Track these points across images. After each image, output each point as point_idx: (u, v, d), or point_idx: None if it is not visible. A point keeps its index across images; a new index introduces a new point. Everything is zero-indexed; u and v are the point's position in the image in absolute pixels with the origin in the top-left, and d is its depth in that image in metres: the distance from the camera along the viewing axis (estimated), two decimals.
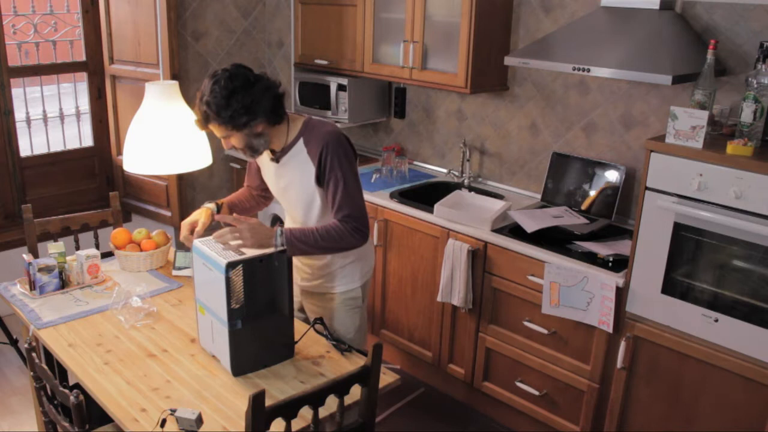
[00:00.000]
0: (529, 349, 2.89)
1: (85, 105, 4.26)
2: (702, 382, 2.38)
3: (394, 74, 3.47)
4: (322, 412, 1.79)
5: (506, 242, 2.85)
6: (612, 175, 3.00)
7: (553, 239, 2.81)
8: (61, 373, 2.47)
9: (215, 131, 2.11)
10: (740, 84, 2.55)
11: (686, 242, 2.35)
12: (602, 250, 2.69)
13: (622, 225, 2.97)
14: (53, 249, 2.56)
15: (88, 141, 4.27)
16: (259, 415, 1.58)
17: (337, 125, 2.23)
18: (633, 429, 2.61)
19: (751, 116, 2.23)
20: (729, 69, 2.61)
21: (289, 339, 2.11)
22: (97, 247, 2.84)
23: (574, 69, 2.60)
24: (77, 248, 2.73)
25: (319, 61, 3.83)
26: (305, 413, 1.73)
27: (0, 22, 3.68)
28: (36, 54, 4.16)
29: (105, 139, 4.25)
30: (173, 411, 1.74)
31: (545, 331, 2.80)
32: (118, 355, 2.11)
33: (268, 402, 1.62)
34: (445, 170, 3.72)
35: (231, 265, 1.89)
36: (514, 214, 2.98)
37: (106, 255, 2.78)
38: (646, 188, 2.39)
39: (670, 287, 2.40)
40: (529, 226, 2.85)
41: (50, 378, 1.90)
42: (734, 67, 2.60)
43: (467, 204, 3.22)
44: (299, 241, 2.07)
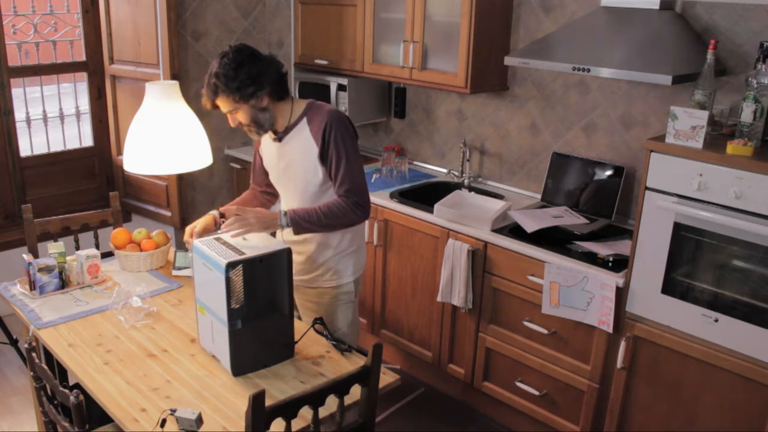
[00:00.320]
0: (529, 349, 2.89)
1: (85, 105, 4.26)
2: (702, 382, 2.38)
3: (394, 74, 3.47)
4: (322, 412, 1.79)
5: (506, 242, 2.85)
6: (612, 175, 3.00)
7: (553, 239, 2.81)
8: (61, 373, 2.47)
9: (222, 106, 2.18)
10: (740, 84, 2.55)
11: (686, 242, 2.35)
12: (602, 250, 2.69)
13: (622, 225, 2.97)
14: (53, 249, 2.56)
15: (88, 141, 4.27)
16: (259, 415, 1.58)
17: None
18: (633, 429, 2.61)
19: (751, 116, 2.23)
20: (729, 69, 2.61)
21: (289, 339, 2.11)
22: (97, 247, 2.84)
23: (574, 69, 2.60)
24: (77, 248, 2.73)
25: (319, 61, 3.83)
26: (305, 413, 1.73)
27: (0, 22, 3.68)
28: (36, 54, 4.16)
29: (105, 139, 4.25)
30: (173, 411, 1.74)
31: (545, 331, 2.80)
32: (118, 355, 2.11)
33: (268, 402, 1.62)
34: (445, 170, 3.72)
35: (231, 265, 1.89)
36: (514, 214, 2.98)
37: (106, 255, 2.78)
38: (646, 188, 2.39)
39: (670, 287, 2.40)
40: (529, 226, 2.85)
41: (50, 378, 1.90)
42: (734, 67, 2.60)
43: (467, 204, 3.22)
44: (303, 219, 2.17)
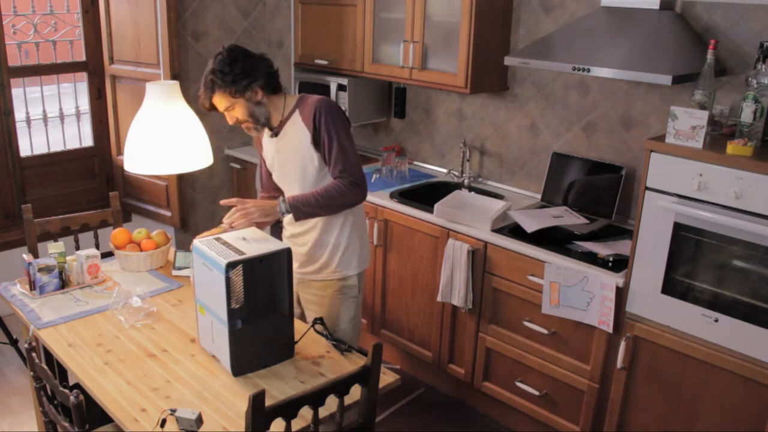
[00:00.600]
0: (529, 349, 2.89)
1: (85, 105, 4.26)
2: (702, 382, 2.38)
3: (394, 74, 3.47)
4: (322, 412, 1.79)
5: (506, 242, 2.85)
6: (612, 175, 3.00)
7: (553, 239, 2.81)
8: (61, 373, 2.47)
9: (219, 103, 2.28)
10: (740, 84, 2.55)
11: (686, 242, 2.35)
12: (602, 250, 2.69)
13: (622, 225, 2.97)
14: (53, 249, 2.56)
15: (88, 141, 4.27)
16: (259, 415, 1.58)
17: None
18: (633, 429, 2.61)
19: (751, 116, 2.23)
20: (729, 69, 2.61)
21: (289, 339, 2.11)
22: (97, 247, 2.84)
23: (574, 69, 2.60)
24: (77, 248, 2.73)
25: (319, 61, 3.83)
26: (305, 413, 1.74)
27: (0, 22, 3.68)
28: (36, 54, 4.16)
29: (105, 139, 4.25)
30: (173, 411, 1.74)
31: (545, 331, 2.80)
32: (118, 355, 2.11)
33: (268, 402, 1.62)
34: (445, 170, 3.72)
35: (231, 265, 1.89)
36: (514, 214, 2.98)
37: (106, 255, 2.78)
38: (646, 188, 2.39)
39: (670, 287, 2.40)
40: (529, 226, 2.85)
41: (50, 378, 1.90)
42: (734, 67, 2.60)
43: (467, 204, 3.22)
44: (301, 203, 2.24)
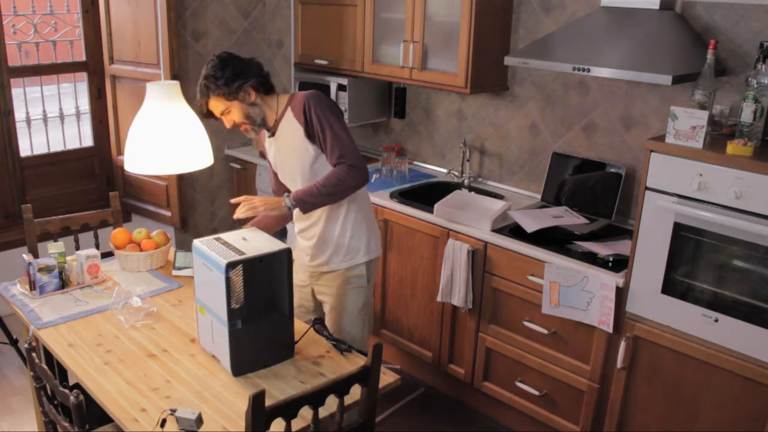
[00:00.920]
0: (529, 349, 2.89)
1: (85, 105, 4.26)
2: (702, 382, 2.38)
3: (394, 74, 3.47)
4: (322, 412, 1.79)
5: (506, 242, 2.85)
6: (612, 175, 3.00)
7: (553, 239, 2.81)
8: (61, 373, 2.47)
9: (215, 108, 2.35)
10: (740, 84, 2.55)
11: (686, 242, 2.35)
12: (602, 250, 2.69)
13: (622, 225, 2.97)
14: (53, 249, 2.56)
15: (88, 141, 4.27)
16: (259, 415, 1.58)
17: None
18: (633, 429, 2.61)
19: (751, 116, 2.23)
20: (729, 69, 2.61)
21: (289, 339, 2.11)
22: (97, 247, 2.84)
23: (574, 69, 2.60)
24: (77, 248, 2.73)
25: (319, 61, 3.83)
26: (305, 413, 1.73)
27: (0, 22, 3.68)
28: (36, 54, 4.16)
29: (105, 139, 4.25)
30: (173, 411, 1.74)
31: (545, 331, 2.80)
32: (118, 355, 2.11)
33: (268, 402, 1.62)
34: (445, 170, 3.72)
35: (231, 265, 1.89)
36: (514, 214, 2.98)
37: (106, 255, 2.78)
38: (646, 188, 2.39)
39: (670, 287, 2.40)
40: (529, 226, 2.85)
41: (50, 378, 1.90)
42: (734, 67, 2.60)
43: (467, 204, 3.22)
44: (305, 195, 2.28)
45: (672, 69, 2.38)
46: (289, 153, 2.40)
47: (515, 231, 2.91)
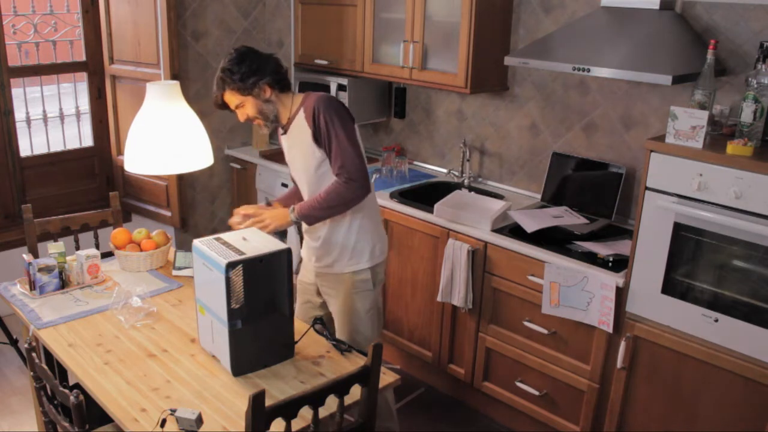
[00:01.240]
0: (529, 349, 2.89)
1: (85, 105, 4.26)
2: (702, 382, 2.38)
3: (394, 74, 3.47)
4: (322, 412, 1.79)
5: (506, 242, 2.85)
6: (612, 175, 3.00)
7: (553, 239, 2.81)
8: (61, 373, 2.47)
9: (230, 101, 2.38)
10: (740, 84, 2.55)
11: (686, 242, 2.35)
12: (602, 250, 2.69)
13: (622, 225, 2.97)
14: (53, 249, 2.56)
15: (88, 141, 4.27)
16: (259, 415, 1.58)
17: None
18: (633, 429, 2.61)
19: (751, 116, 2.23)
20: (729, 69, 2.61)
21: (289, 339, 2.11)
22: (97, 247, 2.84)
23: (574, 69, 2.60)
24: (77, 248, 2.73)
25: (319, 61, 3.83)
26: (305, 413, 1.74)
27: (0, 22, 3.68)
28: (36, 54, 4.16)
29: (105, 139, 4.25)
30: (173, 411, 1.74)
31: (545, 331, 2.80)
32: (118, 355, 2.11)
33: (268, 402, 1.62)
34: (445, 170, 3.72)
35: (231, 265, 1.89)
36: (514, 214, 2.98)
37: (106, 255, 2.78)
38: (646, 188, 2.39)
39: (670, 287, 2.40)
40: (529, 226, 2.85)
41: (50, 378, 1.90)
42: (734, 67, 2.60)
43: (467, 204, 3.22)
44: (309, 209, 2.34)
45: (672, 69, 2.38)
46: (299, 153, 2.42)
47: (515, 231, 2.91)
